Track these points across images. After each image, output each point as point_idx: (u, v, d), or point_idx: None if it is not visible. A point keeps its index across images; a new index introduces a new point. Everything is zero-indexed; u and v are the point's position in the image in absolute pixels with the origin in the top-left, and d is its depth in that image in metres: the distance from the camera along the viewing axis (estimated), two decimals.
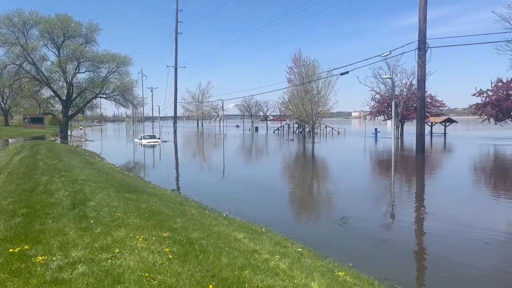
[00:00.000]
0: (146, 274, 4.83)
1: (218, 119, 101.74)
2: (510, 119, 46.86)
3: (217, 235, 7.41)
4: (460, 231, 10.45)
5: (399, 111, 52.13)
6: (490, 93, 47.29)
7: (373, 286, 6.23)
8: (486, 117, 48.62)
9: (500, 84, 46.34)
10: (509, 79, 45.55)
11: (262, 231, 9.41)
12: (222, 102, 59.77)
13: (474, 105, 50.40)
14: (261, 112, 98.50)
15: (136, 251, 5.65)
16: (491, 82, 47.28)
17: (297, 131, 70.56)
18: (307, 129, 55.52)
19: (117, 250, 5.59)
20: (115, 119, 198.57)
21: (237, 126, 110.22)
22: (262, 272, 5.54)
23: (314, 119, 45.81)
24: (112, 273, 4.82)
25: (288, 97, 54.16)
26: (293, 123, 70.73)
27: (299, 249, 8.06)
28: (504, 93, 45.87)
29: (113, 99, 55.01)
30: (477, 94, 48.96)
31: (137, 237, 6.29)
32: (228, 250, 6.39)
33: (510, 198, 15.63)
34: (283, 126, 77.35)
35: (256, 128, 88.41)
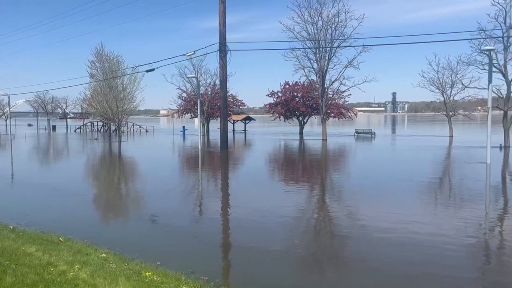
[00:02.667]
0: None
1: (4, 117, 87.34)
2: (295, 117, 54.50)
3: (0, 252, 6.29)
4: (260, 217, 11.54)
5: (204, 110, 54.60)
6: (280, 94, 54.04)
7: (179, 281, 6.29)
8: (277, 115, 55.29)
9: (287, 86, 53.41)
10: (294, 82, 52.94)
11: (60, 240, 8.47)
12: (8, 97, 51.53)
13: (267, 104, 56.75)
14: (59, 109, 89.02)
15: None
16: (281, 85, 54.16)
17: (102, 129, 66.51)
18: (113, 128, 52.86)
19: None
20: None
21: (30, 124, 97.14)
22: (58, 286, 4.95)
23: (120, 117, 43.92)
24: None
25: (91, 93, 50.45)
26: (97, 121, 66.34)
27: (103, 254, 7.54)
28: (291, 94, 53.07)
29: None
30: (269, 95, 55.29)
31: None
32: (14, 268, 5.50)
33: (298, 185, 18.14)
34: (85, 124, 71.76)
35: (54, 127, 79.56)
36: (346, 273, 7.62)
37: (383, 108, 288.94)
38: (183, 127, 58.56)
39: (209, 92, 57.09)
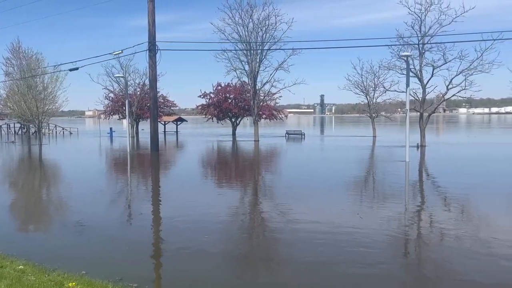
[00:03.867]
0: None
1: None
2: (228, 118, 54.58)
3: None
4: (191, 220, 11.36)
5: (133, 110, 52.81)
6: (213, 95, 53.80)
7: None
8: (210, 116, 54.96)
9: (219, 87, 53.31)
10: (226, 84, 52.97)
11: None
12: None
13: (200, 105, 56.21)
14: None
15: None
16: (213, 86, 53.91)
17: (20, 131, 61.72)
18: (32, 130, 49.25)
19: None
20: None
21: None
22: None
23: (40, 118, 40.98)
24: None
25: (6, 93, 46.54)
26: (14, 123, 61.40)
27: (21, 266, 6.96)
28: (223, 95, 53.05)
29: None
30: (202, 96, 54.84)
31: None
32: None
33: (230, 186, 18.16)
34: (1, 126, 66.13)
35: None
36: (277, 271, 7.74)
37: (312, 110, 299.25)
38: (111, 128, 56.07)
39: (138, 93, 55.32)
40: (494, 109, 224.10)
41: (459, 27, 30.96)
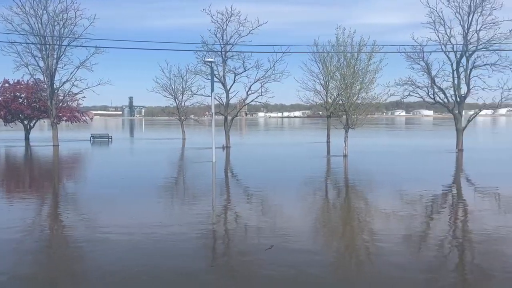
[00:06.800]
0: None
1: None
2: (19, 120, 47.64)
3: None
4: None
5: None
6: None
7: None
8: None
9: (7, 85, 46.01)
10: (16, 81, 46.06)
11: None
12: None
13: None
14: None
15: None
16: None
17: None
18: None
19: None
20: None
21: None
22: None
23: None
24: None
25: None
26: None
27: None
28: (12, 94, 45.98)
29: None
30: None
31: None
32: None
33: (21, 199, 15.81)
34: None
35: None
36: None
37: (121, 112, 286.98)
38: None
39: None
40: (285, 113, 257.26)
41: (255, 39, 34.52)
